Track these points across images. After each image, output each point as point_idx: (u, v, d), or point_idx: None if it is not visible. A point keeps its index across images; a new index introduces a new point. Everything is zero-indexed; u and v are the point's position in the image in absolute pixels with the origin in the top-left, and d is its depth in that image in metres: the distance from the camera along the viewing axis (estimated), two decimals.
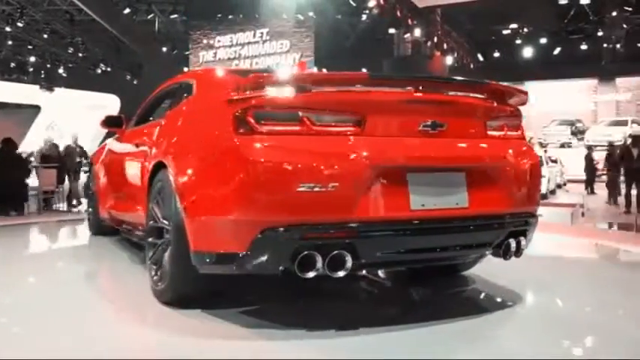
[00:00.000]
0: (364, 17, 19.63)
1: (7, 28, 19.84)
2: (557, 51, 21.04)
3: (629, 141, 11.16)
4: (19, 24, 18.82)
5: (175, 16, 20.83)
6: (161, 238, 2.90)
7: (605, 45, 18.37)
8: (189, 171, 2.62)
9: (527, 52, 20.86)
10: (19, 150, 10.55)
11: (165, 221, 2.83)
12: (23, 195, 8.18)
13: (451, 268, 3.41)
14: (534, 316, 2.82)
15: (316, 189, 2.26)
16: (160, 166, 2.93)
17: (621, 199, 11.24)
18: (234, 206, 2.33)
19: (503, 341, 2.44)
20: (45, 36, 21.47)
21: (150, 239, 3.02)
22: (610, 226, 8.84)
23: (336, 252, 2.27)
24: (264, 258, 2.29)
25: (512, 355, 2.23)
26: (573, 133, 22.04)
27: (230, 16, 19.50)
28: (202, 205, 2.49)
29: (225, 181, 2.37)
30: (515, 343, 2.39)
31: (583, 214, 9.92)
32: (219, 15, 20.00)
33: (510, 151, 2.74)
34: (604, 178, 12.81)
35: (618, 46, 17.97)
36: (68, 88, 24.16)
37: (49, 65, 24.32)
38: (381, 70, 18.05)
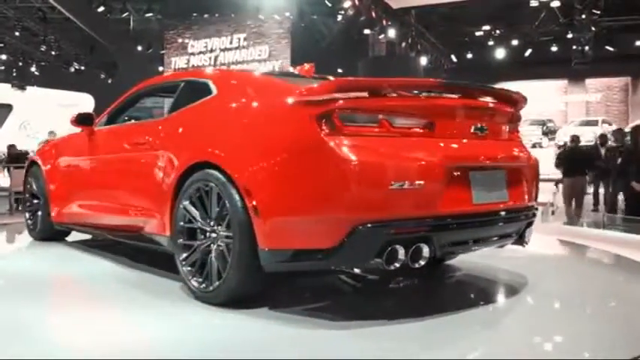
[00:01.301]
0: (339, 18, 19.75)
1: None
2: (528, 52, 21.47)
3: (598, 141, 11.44)
4: None
5: (150, 14, 20.68)
6: (194, 240, 2.96)
7: (574, 47, 18.77)
8: (260, 170, 2.66)
9: (500, 53, 21.25)
10: None
11: (207, 222, 2.88)
12: None
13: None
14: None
15: (404, 187, 2.46)
16: (198, 167, 2.93)
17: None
18: (325, 203, 2.48)
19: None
20: (17, 34, 21.11)
21: (180, 241, 3.03)
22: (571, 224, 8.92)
23: (417, 245, 2.50)
24: (353, 252, 2.46)
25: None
26: (544, 133, 22.47)
27: (205, 15, 19.47)
28: (280, 204, 2.59)
29: (314, 180, 2.50)
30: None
31: (553, 213, 10.17)
32: (195, 14, 19.95)
33: (525, 150, 3.22)
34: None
35: (587, 48, 18.38)
36: (41, 86, 23.83)
37: (20, 63, 23.92)
38: (355, 71, 18.19)
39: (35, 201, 4.86)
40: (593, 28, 17.67)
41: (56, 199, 4.53)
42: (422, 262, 2.54)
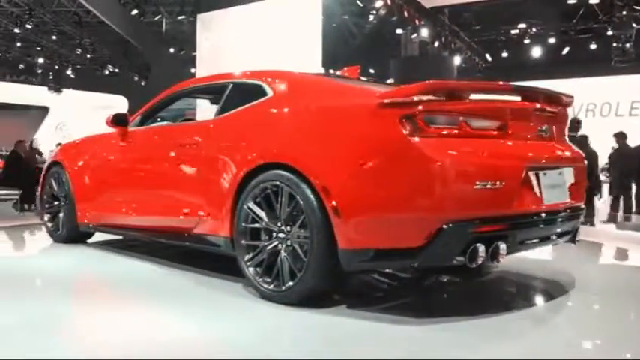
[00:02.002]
0: (371, 17, 19.55)
1: (16, 30, 19.93)
2: (565, 50, 20.88)
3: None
4: (28, 26, 18.86)
5: (183, 17, 20.84)
6: (258, 240, 3.03)
7: (614, 44, 18.18)
8: (341, 171, 2.72)
9: (536, 51, 20.71)
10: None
11: (274, 222, 2.95)
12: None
13: None
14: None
15: (487, 186, 2.58)
16: (264, 168, 2.99)
17: None
18: (414, 203, 2.55)
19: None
20: (53, 37, 21.54)
21: (243, 241, 3.08)
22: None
23: (497, 242, 2.59)
24: (440, 251, 2.54)
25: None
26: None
27: None
28: (364, 204, 2.64)
29: (402, 180, 2.57)
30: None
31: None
32: None
33: (577, 151, 3.31)
34: None
35: (628, 45, 17.78)
36: (76, 89, 24.26)
37: (57, 67, 24.39)
38: (387, 70, 17.98)
39: (56, 203, 4.84)
40: (634, 25, 17.06)
41: (85, 201, 4.52)
42: (501, 260, 2.62)
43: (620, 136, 10.44)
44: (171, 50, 21.94)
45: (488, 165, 2.63)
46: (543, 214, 2.86)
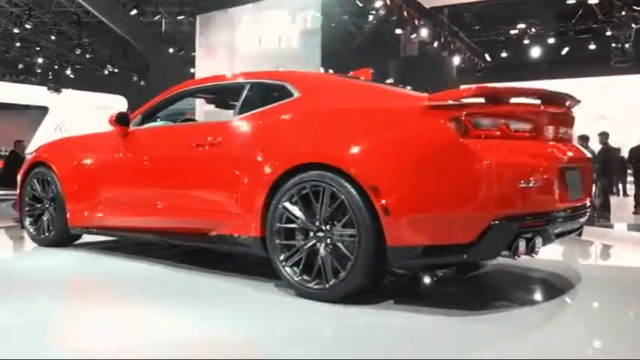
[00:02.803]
0: (371, 17, 19.56)
1: (16, 30, 19.94)
2: (565, 51, 20.88)
3: None
4: (27, 25, 18.87)
5: (182, 17, 20.84)
6: (292, 240, 3.07)
7: (613, 45, 18.19)
8: (390, 171, 2.80)
9: (535, 51, 20.71)
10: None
11: (312, 221, 2.99)
12: None
13: None
14: None
15: (530, 185, 2.73)
16: (302, 168, 3.02)
17: None
18: (466, 201, 2.67)
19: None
20: (52, 37, 21.54)
21: (277, 241, 3.10)
22: None
23: (535, 237, 2.76)
24: (489, 246, 2.66)
25: None
26: None
27: None
28: (415, 203, 2.73)
29: (453, 179, 2.69)
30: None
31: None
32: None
33: (584, 151, 3.45)
34: None
35: (627, 45, 17.79)
36: (75, 89, 24.28)
37: (56, 67, 24.41)
38: (387, 70, 17.97)
39: (38, 205, 4.66)
40: (633, 25, 17.07)
41: (77, 202, 4.36)
42: (535, 254, 2.79)
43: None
44: (171, 50, 21.95)
45: (530, 164, 2.79)
46: (569, 210, 3.04)
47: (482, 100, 2.79)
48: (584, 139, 9.93)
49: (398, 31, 18.64)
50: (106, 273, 3.92)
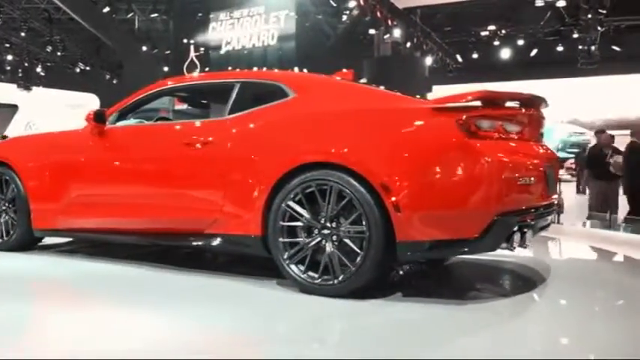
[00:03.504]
0: (344, 17, 19.71)
1: None
2: (534, 52, 21.34)
3: None
4: None
5: (156, 15, 20.70)
6: (294, 237, 3.12)
7: (580, 47, 18.65)
8: (401, 169, 2.91)
9: (505, 53, 21.11)
10: None
11: (317, 219, 3.05)
12: None
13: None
14: None
15: (526, 182, 2.98)
16: (307, 167, 3.08)
17: None
18: (473, 198, 2.84)
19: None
20: (22, 34, 21.17)
21: (280, 239, 3.13)
22: None
23: (526, 230, 2.96)
24: (491, 239, 2.86)
25: None
26: None
27: (211, 15, 19.45)
28: (425, 200, 2.87)
29: (461, 177, 2.86)
30: None
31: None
32: (200, 14, 19.95)
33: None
34: None
35: (593, 48, 18.25)
36: (46, 87, 23.87)
37: (26, 64, 23.95)
38: (361, 70, 18.12)
39: None
40: (599, 28, 17.53)
41: (45, 203, 4.12)
42: (528, 245, 3.08)
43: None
44: (144, 48, 21.77)
45: (525, 163, 3.04)
46: (549, 206, 3.29)
47: (483, 103, 2.97)
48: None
49: (372, 31, 18.83)
50: (83, 275, 3.78)
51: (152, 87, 4.09)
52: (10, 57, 23.69)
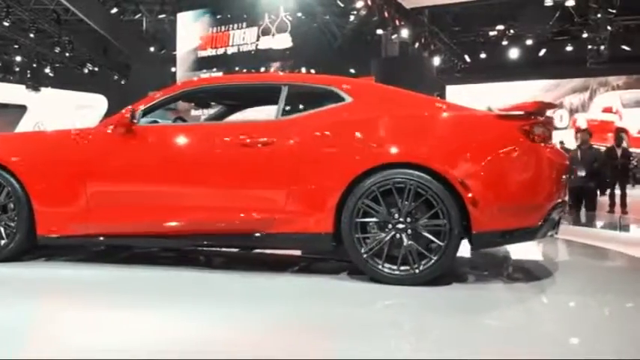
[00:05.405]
0: (352, 18, 19.68)
1: None
2: (542, 52, 21.22)
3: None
4: (5, 23, 18.62)
5: (163, 15, 20.76)
6: (364, 233, 3.34)
7: (589, 46, 18.54)
8: (476, 169, 3.32)
9: (514, 53, 21.01)
10: None
11: (391, 215, 3.30)
12: None
13: None
14: None
15: (564, 179, 3.51)
16: (381, 167, 3.32)
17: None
18: (538, 193, 3.36)
19: None
20: (31, 35, 21.28)
21: (356, 236, 3.33)
22: None
23: (560, 220, 3.56)
24: (546, 227, 3.38)
25: None
26: None
27: (218, 17, 19.47)
28: (498, 195, 3.29)
29: (529, 175, 3.37)
30: None
31: None
32: (207, 14, 19.95)
33: None
34: None
35: (603, 47, 18.14)
36: (55, 87, 23.98)
37: (35, 65, 24.08)
38: (368, 70, 18.10)
39: None
40: (608, 28, 17.42)
41: (55, 207, 3.83)
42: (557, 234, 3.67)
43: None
44: (152, 49, 21.84)
45: (564, 163, 3.59)
46: (565, 201, 3.71)
47: (536, 111, 3.44)
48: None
49: (379, 31, 18.79)
50: (96, 277, 3.71)
51: (183, 85, 4.18)
52: (18, 58, 23.85)
